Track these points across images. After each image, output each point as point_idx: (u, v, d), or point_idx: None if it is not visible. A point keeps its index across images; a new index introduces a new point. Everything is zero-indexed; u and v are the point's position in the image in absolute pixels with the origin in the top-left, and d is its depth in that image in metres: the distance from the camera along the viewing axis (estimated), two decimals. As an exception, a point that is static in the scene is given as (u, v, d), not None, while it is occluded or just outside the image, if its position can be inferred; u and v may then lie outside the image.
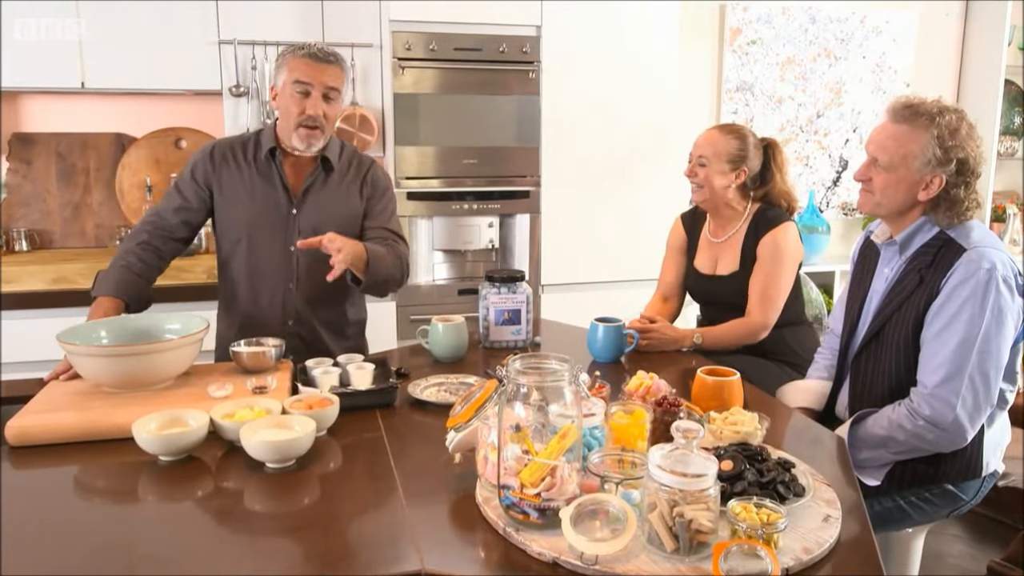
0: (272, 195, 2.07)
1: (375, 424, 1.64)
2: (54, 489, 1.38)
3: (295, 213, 2.08)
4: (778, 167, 2.33)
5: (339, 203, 2.12)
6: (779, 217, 2.28)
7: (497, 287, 2.18)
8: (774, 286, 2.22)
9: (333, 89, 2.01)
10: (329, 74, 1.99)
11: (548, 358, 1.19)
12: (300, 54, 1.99)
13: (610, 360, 2.09)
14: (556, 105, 3.29)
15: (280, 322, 2.12)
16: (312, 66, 1.98)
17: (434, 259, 3.37)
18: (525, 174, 3.31)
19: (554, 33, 3.24)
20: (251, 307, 2.13)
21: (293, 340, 2.11)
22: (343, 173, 2.15)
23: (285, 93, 2.00)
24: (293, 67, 1.98)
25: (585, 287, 3.44)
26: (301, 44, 2.02)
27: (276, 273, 2.09)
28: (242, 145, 2.13)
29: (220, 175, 2.09)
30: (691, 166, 2.32)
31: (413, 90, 3.14)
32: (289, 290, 2.11)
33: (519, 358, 1.17)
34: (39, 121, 3.35)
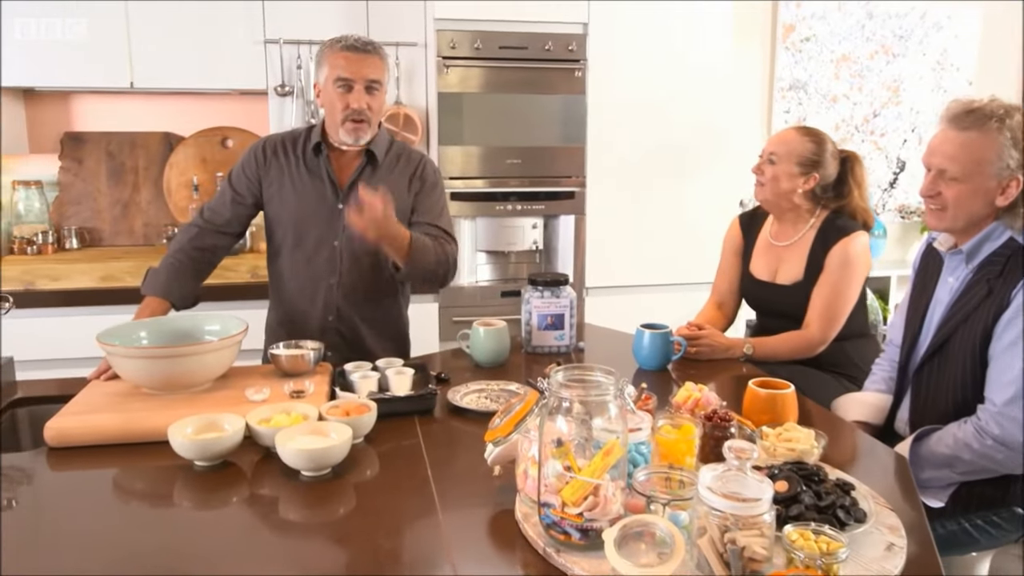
0: (319, 189, 2.06)
1: (413, 431, 1.60)
2: (89, 492, 1.37)
3: (341, 208, 2.06)
4: (856, 182, 2.20)
5: None
6: (850, 226, 2.15)
7: (540, 291, 2.12)
8: (839, 300, 2.11)
9: (375, 81, 1.98)
10: (369, 65, 1.96)
11: (592, 370, 1.13)
12: (338, 48, 1.96)
13: (656, 368, 2.02)
14: (602, 104, 3.22)
15: (321, 317, 2.11)
16: (351, 59, 1.95)
17: (477, 260, 3.33)
18: (570, 174, 3.24)
19: (601, 31, 3.17)
20: (295, 301, 2.12)
21: (333, 337, 2.10)
22: (391, 167, 2.11)
23: (328, 89, 1.99)
24: (333, 63, 1.96)
25: (631, 290, 3.37)
26: (339, 37, 1.99)
27: (320, 268, 2.08)
28: (292, 140, 2.12)
29: (270, 169, 2.09)
30: (760, 162, 2.21)
31: (457, 89, 3.10)
32: (331, 285, 2.09)
33: (562, 370, 1.11)
34: (90, 120, 3.39)
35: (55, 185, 3.35)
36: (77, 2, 2.95)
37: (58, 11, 2.94)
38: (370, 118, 2.00)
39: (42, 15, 2.93)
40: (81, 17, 2.97)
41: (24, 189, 3.28)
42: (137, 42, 3.03)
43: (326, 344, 1.99)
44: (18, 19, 2.92)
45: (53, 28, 2.95)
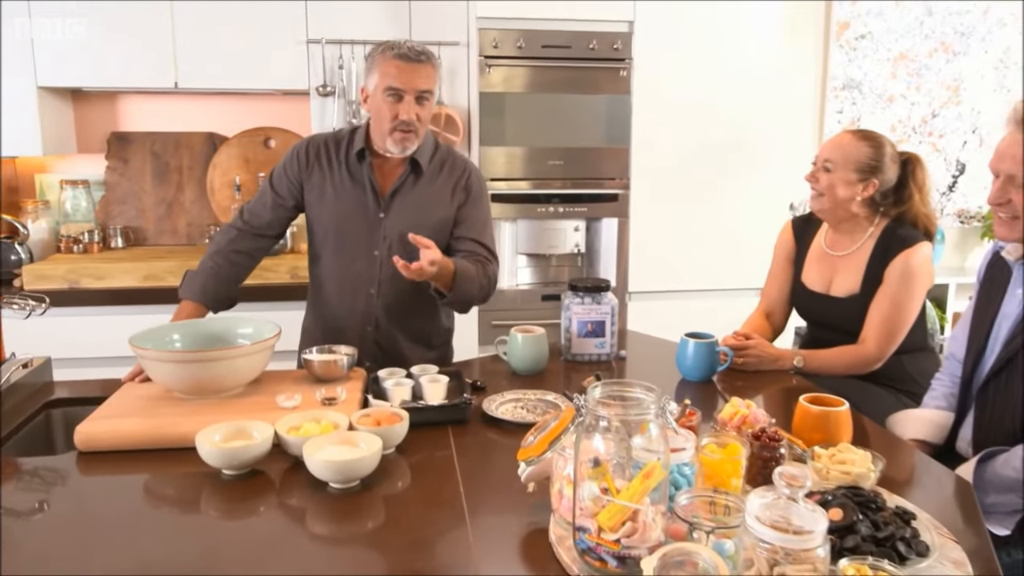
0: (360, 196, 2.02)
1: (446, 441, 1.55)
2: (116, 498, 1.35)
3: (382, 217, 2.01)
4: (917, 186, 2.08)
5: (428, 206, 2.03)
6: (912, 236, 2.03)
7: (580, 297, 2.06)
8: (899, 316, 2.00)
9: (426, 91, 1.92)
10: (421, 75, 1.90)
11: (632, 386, 1.07)
12: (391, 55, 1.88)
13: (701, 379, 1.94)
14: (648, 104, 3.14)
15: (359, 327, 2.06)
16: (403, 69, 1.88)
17: (518, 263, 3.27)
18: (614, 176, 3.17)
19: (647, 29, 3.09)
20: (334, 308, 2.08)
21: (371, 347, 2.06)
22: (434, 174, 2.05)
23: (377, 97, 1.92)
24: (384, 72, 1.89)
25: (676, 296, 3.28)
26: (391, 43, 1.92)
27: (359, 276, 2.03)
28: (336, 143, 2.06)
29: (312, 172, 2.05)
30: (814, 170, 2.09)
31: (499, 89, 3.05)
32: (370, 295, 2.05)
33: (600, 385, 1.04)
34: (136, 120, 3.42)
35: (101, 184, 3.39)
36: (124, 2, 2.96)
37: (104, 11, 2.96)
38: (418, 128, 1.94)
39: (88, 15, 2.96)
40: (127, 17, 2.98)
41: (71, 188, 3.32)
42: (182, 42, 3.04)
43: (364, 354, 1.96)
44: (65, 19, 2.95)
45: (99, 28, 2.97)
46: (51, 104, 3.12)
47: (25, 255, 3.11)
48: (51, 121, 3.13)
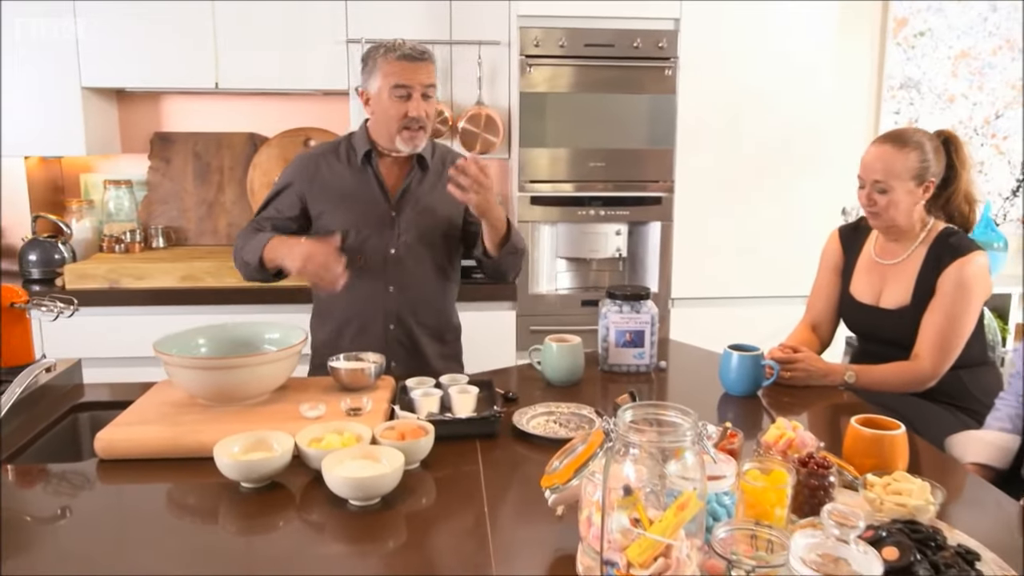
0: (370, 198, 2.02)
1: (473, 456, 1.48)
2: (132, 509, 1.32)
3: (394, 216, 2.01)
4: (961, 162, 1.97)
5: (437, 202, 2.05)
6: (966, 245, 1.91)
7: (619, 305, 1.98)
8: (953, 329, 1.88)
9: (431, 87, 1.95)
10: (425, 72, 1.94)
11: (667, 408, 0.99)
12: (392, 57, 1.91)
13: (745, 394, 1.84)
14: (693, 104, 3.03)
15: (383, 327, 2.05)
16: (407, 67, 1.91)
17: (557, 267, 3.19)
18: (657, 179, 3.07)
19: (694, 27, 2.99)
20: (352, 312, 2.06)
21: (394, 346, 2.05)
22: (438, 171, 2.07)
23: (382, 97, 1.94)
24: (388, 71, 1.91)
25: (721, 302, 3.17)
26: (390, 44, 1.94)
27: (376, 276, 2.03)
28: (334, 151, 2.08)
29: (315, 184, 2.04)
30: (866, 193, 1.96)
31: (540, 89, 2.97)
32: (389, 293, 2.04)
33: (631, 408, 0.97)
34: (178, 120, 3.43)
35: (144, 184, 3.41)
36: (167, 2, 2.97)
37: (147, 11, 2.97)
38: (427, 125, 1.97)
39: (132, 16, 2.97)
40: (169, 17, 2.99)
41: (115, 188, 3.34)
42: (223, 43, 3.03)
43: (388, 354, 1.95)
44: (109, 20, 2.97)
45: (142, 29, 2.98)
46: (96, 104, 3.15)
47: (68, 254, 3.13)
48: (95, 121, 3.15)
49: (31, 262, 3.07)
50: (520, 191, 3.03)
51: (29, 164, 3.22)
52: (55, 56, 2.97)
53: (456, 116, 3.12)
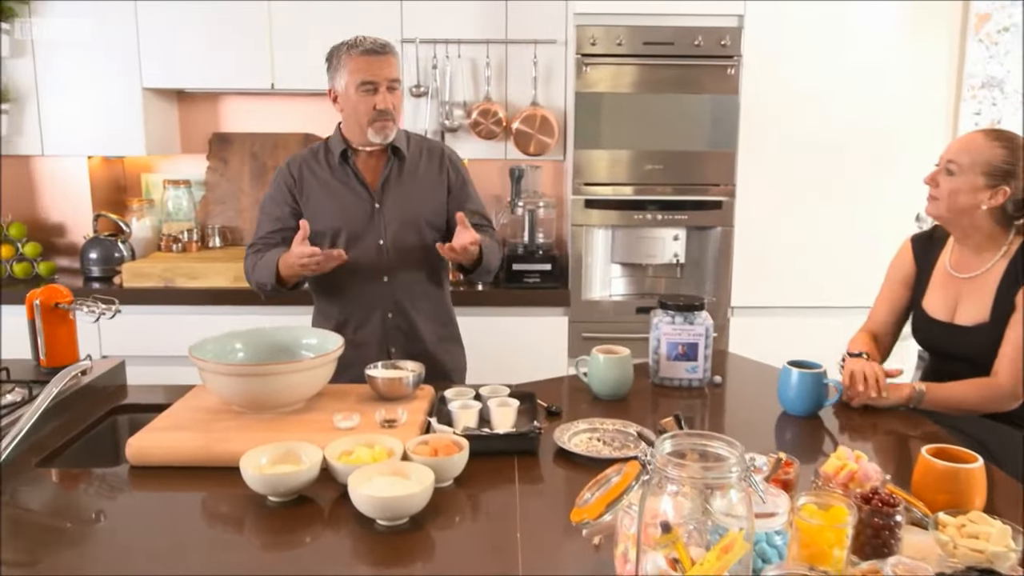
0: (353, 196, 2.08)
1: (510, 474, 1.41)
2: (156, 519, 1.28)
3: (378, 208, 2.06)
4: None
5: (419, 191, 2.10)
6: None
7: (671, 316, 1.88)
8: None
9: (395, 80, 2.00)
10: (388, 65, 1.98)
11: (711, 439, 0.90)
12: (356, 52, 1.96)
13: (805, 414, 1.72)
14: (757, 105, 2.90)
15: (381, 317, 2.09)
16: (372, 62, 1.96)
17: (611, 273, 3.10)
18: (718, 182, 2.95)
19: (759, 24, 2.85)
20: (351, 307, 2.10)
21: (393, 333, 2.10)
22: (415, 160, 2.13)
23: (350, 93, 1.98)
24: (354, 68, 1.96)
25: (783, 312, 3.02)
26: (353, 41, 1.98)
27: (370, 268, 2.07)
28: (314, 155, 2.13)
29: (302, 186, 2.10)
30: (935, 172, 1.83)
31: (597, 89, 2.88)
32: (384, 283, 2.08)
33: (670, 438, 0.88)
34: (236, 121, 3.46)
35: (202, 185, 3.44)
36: (226, 2, 2.98)
37: (206, 12, 2.99)
38: (395, 116, 2.01)
39: (191, 17, 2.99)
40: (227, 18, 3.00)
41: (173, 188, 3.39)
42: (279, 44, 3.03)
43: (389, 341, 2.08)
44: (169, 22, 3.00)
45: (201, 30, 3.01)
46: (156, 105, 3.19)
47: (127, 253, 3.18)
48: (155, 122, 3.19)
49: (91, 260, 3.13)
50: (574, 194, 2.94)
51: (92, 164, 3.28)
52: (117, 58, 3.02)
53: (510, 117, 3.06)
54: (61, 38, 3.00)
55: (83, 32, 3.00)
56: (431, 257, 2.08)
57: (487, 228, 2.17)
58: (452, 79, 3.07)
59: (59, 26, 2.99)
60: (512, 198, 3.09)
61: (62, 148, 3.11)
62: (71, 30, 3.00)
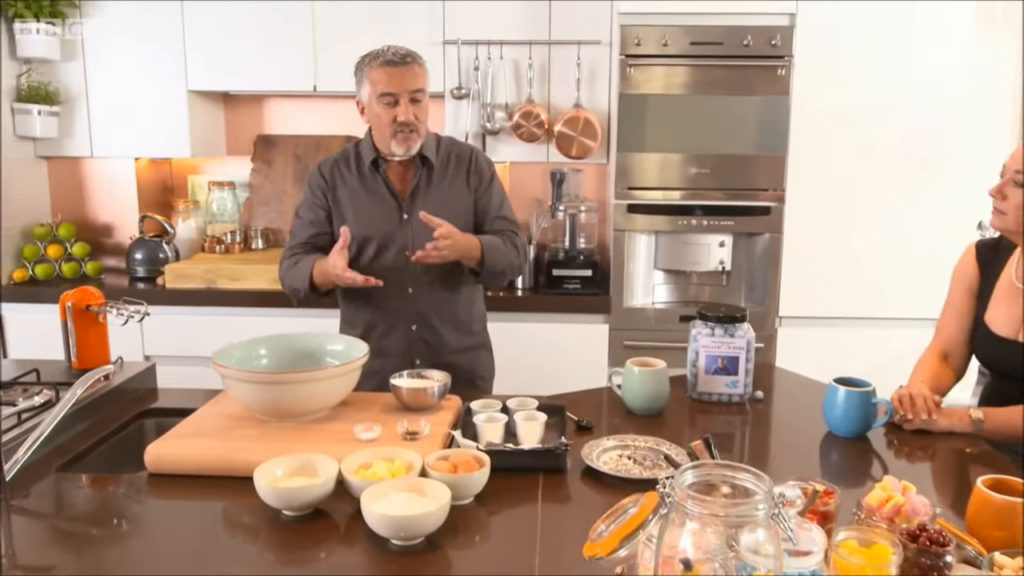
0: (381, 204, 2.05)
1: (533, 493, 1.35)
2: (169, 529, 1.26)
3: (406, 218, 2.03)
4: None
5: (448, 199, 2.06)
6: None
7: (711, 327, 1.80)
8: None
9: (418, 91, 1.96)
10: (411, 76, 1.94)
11: (737, 470, 0.83)
12: (377, 64, 1.94)
13: (852, 435, 1.62)
14: (809, 107, 2.78)
15: (406, 328, 2.06)
16: (392, 74, 1.93)
17: (654, 279, 3.01)
18: (767, 187, 2.84)
19: (812, 23, 2.74)
20: (376, 317, 2.07)
21: (417, 344, 2.07)
22: (444, 167, 2.09)
23: (372, 105, 1.97)
24: (375, 80, 1.94)
25: (835, 323, 2.90)
26: (375, 52, 1.96)
27: (395, 279, 2.02)
28: (344, 160, 2.10)
29: (333, 189, 2.08)
30: (1000, 183, 1.71)
31: (641, 90, 2.80)
32: (409, 294, 2.05)
33: (692, 469, 0.81)
34: (280, 123, 3.47)
35: (246, 186, 3.46)
36: (271, 3, 2.99)
37: (251, 14, 3.00)
38: (418, 127, 1.98)
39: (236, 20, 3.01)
40: (271, 20, 3.01)
41: (218, 190, 3.41)
42: (321, 45, 3.03)
43: (413, 352, 2.05)
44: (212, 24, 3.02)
45: (245, 33, 3.02)
46: (202, 107, 3.21)
47: (171, 253, 3.21)
48: (201, 124, 3.22)
49: (137, 260, 3.17)
50: (617, 198, 2.87)
51: (139, 165, 3.32)
52: (163, 60, 3.05)
53: (552, 119, 3.00)
54: (110, 41, 3.05)
55: (131, 35, 3.04)
56: (459, 267, 2.04)
57: (507, 232, 2.10)
58: (494, 81, 3.03)
59: (108, 29, 3.04)
60: (553, 202, 3.03)
61: (110, 150, 3.16)
62: (120, 33, 3.04)
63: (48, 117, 3.05)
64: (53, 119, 3.08)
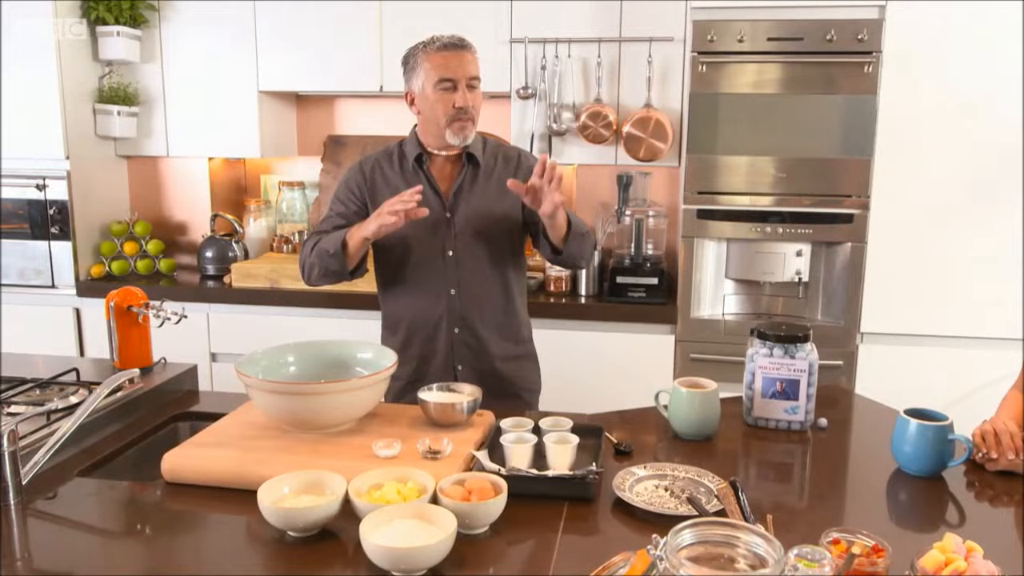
0: (424, 201, 1.90)
1: (555, 523, 1.25)
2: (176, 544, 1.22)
3: (449, 216, 1.94)
4: None
5: (492, 199, 1.96)
6: None
7: (769, 347, 1.65)
8: None
9: (475, 78, 1.89)
10: (468, 62, 1.87)
11: (744, 531, 0.71)
12: (434, 49, 1.86)
13: (924, 474, 1.45)
14: (899, 107, 2.57)
15: (447, 331, 1.96)
16: (451, 58, 1.85)
17: (724, 289, 2.85)
18: (850, 193, 2.64)
19: (904, 16, 2.52)
20: (418, 319, 1.98)
21: (460, 349, 1.97)
22: (490, 168, 1.99)
23: (427, 93, 1.87)
24: (432, 66, 1.85)
25: (923, 342, 2.66)
26: (429, 39, 1.89)
27: (436, 279, 1.95)
28: (387, 157, 2.02)
29: (372, 188, 1.98)
30: None
31: (714, 89, 2.65)
32: (452, 296, 1.95)
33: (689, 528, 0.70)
34: (349, 124, 3.47)
35: (316, 186, 3.47)
36: (338, 2, 2.98)
37: (320, 14, 3.00)
38: (474, 116, 1.90)
39: (304, 19, 3.02)
40: (340, 21, 3.00)
41: (288, 190, 3.44)
42: (388, 45, 3.00)
43: (455, 357, 1.96)
44: (284, 22, 3.03)
45: (314, 33, 3.02)
46: (272, 108, 3.24)
47: (240, 252, 3.25)
48: (271, 124, 3.24)
49: (207, 259, 3.22)
50: (686, 203, 2.72)
51: (213, 165, 3.39)
52: (236, 61, 3.09)
53: (621, 120, 2.88)
54: (186, 43, 3.11)
55: (205, 37, 3.09)
56: (503, 270, 1.97)
57: None
58: (561, 80, 2.93)
59: (184, 31, 3.10)
60: (619, 206, 2.91)
61: (184, 149, 3.23)
62: (195, 35, 3.10)
63: (127, 118, 3.14)
64: (132, 119, 3.16)
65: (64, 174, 3.02)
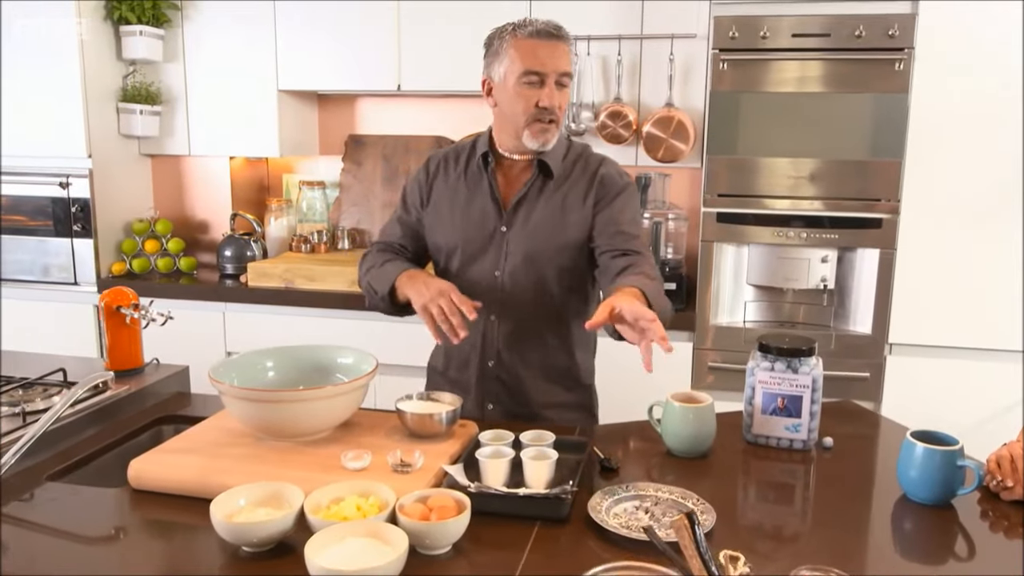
0: (480, 208, 1.74)
1: (521, 544, 1.19)
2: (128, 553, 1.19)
3: (504, 231, 1.72)
4: None
5: (557, 214, 1.70)
6: None
7: (771, 361, 1.56)
8: None
9: (566, 75, 1.64)
10: (562, 55, 1.62)
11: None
12: (524, 34, 1.62)
13: (931, 502, 1.34)
14: (932, 107, 2.43)
15: (480, 361, 1.76)
16: (543, 47, 1.61)
17: (744, 295, 2.74)
18: (879, 197, 2.51)
19: (937, 10, 2.39)
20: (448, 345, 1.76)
21: (494, 385, 1.77)
22: (565, 175, 1.73)
23: (508, 85, 1.63)
24: (519, 54, 1.61)
25: (955, 354, 2.53)
26: (520, 21, 1.66)
27: (478, 300, 1.63)
28: (456, 154, 1.81)
29: (432, 186, 1.80)
30: None
31: (735, 88, 2.55)
32: (491, 322, 1.74)
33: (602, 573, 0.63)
34: (369, 123, 3.45)
35: (336, 186, 3.46)
36: (356, 1, 2.95)
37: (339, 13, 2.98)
38: (559, 118, 1.65)
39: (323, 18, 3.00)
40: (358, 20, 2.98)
41: (309, 189, 3.43)
42: (406, 44, 2.97)
43: (486, 394, 1.76)
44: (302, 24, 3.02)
45: (333, 32, 3.01)
46: (293, 107, 3.23)
47: (259, 251, 3.25)
48: (291, 123, 3.24)
49: (226, 257, 3.23)
50: (706, 206, 2.63)
51: (235, 164, 3.39)
52: (256, 60, 3.09)
53: (642, 119, 2.79)
54: (207, 43, 3.12)
55: (226, 36, 3.10)
56: (556, 301, 1.73)
57: (631, 253, 1.65)
58: (580, 79, 2.86)
59: (206, 31, 3.11)
60: (638, 209, 2.82)
61: (206, 148, 3.24)
62: (216, 35, 3.10)
63: (150, 116, 3.16)
64: (155, 118, 3.18)
65: (87, 172, 3.05)
